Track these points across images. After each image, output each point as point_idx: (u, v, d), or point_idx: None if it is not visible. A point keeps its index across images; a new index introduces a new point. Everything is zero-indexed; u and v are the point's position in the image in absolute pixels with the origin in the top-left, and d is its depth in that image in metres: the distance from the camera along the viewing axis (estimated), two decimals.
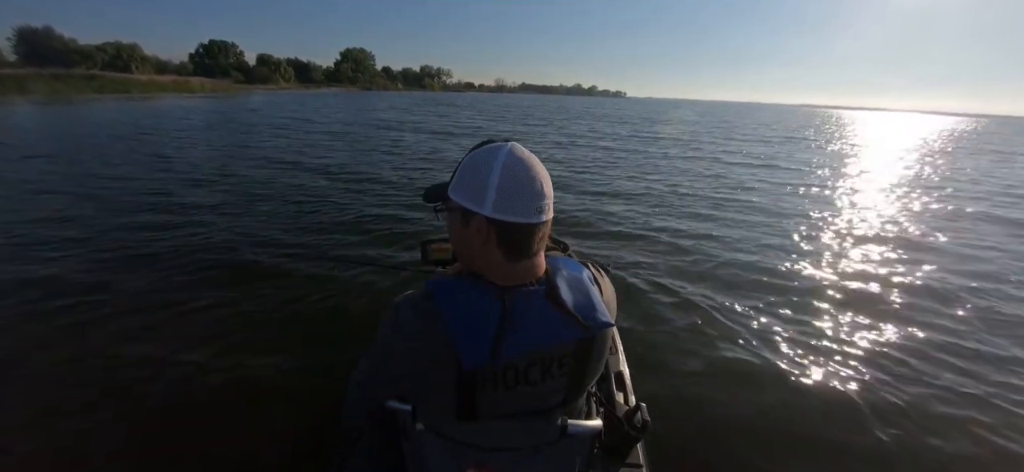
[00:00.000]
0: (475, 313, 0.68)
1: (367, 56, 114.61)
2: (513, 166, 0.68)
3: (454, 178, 0.73)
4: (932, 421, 2.18)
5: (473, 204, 0.68)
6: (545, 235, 0.73)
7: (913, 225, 5.76)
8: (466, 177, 0.70)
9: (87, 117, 16.67)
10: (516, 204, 0.67)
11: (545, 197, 0.70)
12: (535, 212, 0.68)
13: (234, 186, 6.39)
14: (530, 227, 0.69)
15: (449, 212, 0.75)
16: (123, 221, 4.62)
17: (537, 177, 0.69)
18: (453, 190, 0.72)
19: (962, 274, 4.05)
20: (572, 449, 0.80)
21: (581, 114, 33.98)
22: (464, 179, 0.71)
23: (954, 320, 3.20)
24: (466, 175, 0.70)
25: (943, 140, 23.84)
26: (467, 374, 0.67)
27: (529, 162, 0.70)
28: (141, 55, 64.54)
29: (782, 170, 10.27)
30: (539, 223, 0.69)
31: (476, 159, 0.70)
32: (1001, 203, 7.44)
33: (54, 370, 2.28)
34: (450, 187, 0.73)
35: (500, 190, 0.67)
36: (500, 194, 0.67)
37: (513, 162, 0.68)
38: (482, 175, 0.68)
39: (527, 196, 0.68)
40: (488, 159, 0.69)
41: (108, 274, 3.35)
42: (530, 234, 0.69)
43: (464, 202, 0.70)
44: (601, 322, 0.72)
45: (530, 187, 0.68)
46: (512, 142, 0.71)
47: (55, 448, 1.85)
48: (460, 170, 0.72)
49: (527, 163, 0.69)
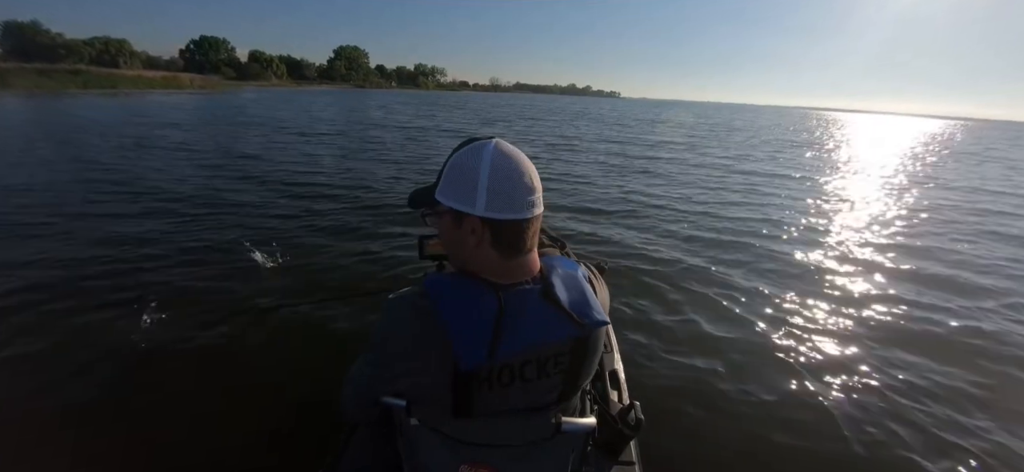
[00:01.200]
0: (472, 312, 0.67)
1: (361, 54, 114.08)
2: (501, 164, 0.67)
3: (441, 181, 0.72)
4: (933, 424, 2.19)
5: (464, 205, 0.68)
6: (537, 229, 0.72)
7: (921, 230, 5.82)
8: (454, 179, 0.69)
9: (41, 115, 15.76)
10: (508, 201, 0.67)
11: (535, 191, 0.70)
12: (527, 207, 0.68)
13: (206, 186, 6.31)
14: (523, 222, 0.69)
15: (438, 216, 0.74)
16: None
17: (526, 172, 0.69)
18: (441, 193, 0.71)
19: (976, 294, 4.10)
20: (566, 446, 0.80)
21: (580, 114, 34.06)
22: (452, 181, 0.70)
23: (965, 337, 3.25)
24: (454, 177, 0.69)
25: (952, 144, 23.82)
26: (464, 373, 0.67)
27: (516, 158, 0.69)
28: (130, 50, 63.74)
29: (785, 171, 10.38)
30: (531, 218, 0.69)
31: (462, 160, 0.69)
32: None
33: (38, 369, 2.25)
34: (437, 190, 0.72)
35: (491, 189, 0.66)
36: (491, 193, 0.66)
37: (500, 159, 0.68)
38: (470, 176, 0.67)
39: (518, 192, 0.67)
40: (475, 159, 0.68)
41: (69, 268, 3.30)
42: (524, 230, 0.69)
43: (454, 204, 0.69)
44: (596, 320, 0.72)
45: (520, 183, 0.68)
46: (496, 139, 0.71)
47: (53, 450, 1.82)
48: (446, 171, 0.71)
49: (515, 159, 0.69)
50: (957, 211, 6.94)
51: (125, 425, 1.94)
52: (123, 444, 1.86)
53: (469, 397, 0.69)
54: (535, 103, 57.05)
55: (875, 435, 2.09)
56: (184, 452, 1.83)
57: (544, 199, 0.74)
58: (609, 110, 47.45)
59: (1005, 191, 9.13)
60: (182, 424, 1.95)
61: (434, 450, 0.76)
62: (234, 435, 1.91)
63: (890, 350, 2.78)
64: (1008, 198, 8.33)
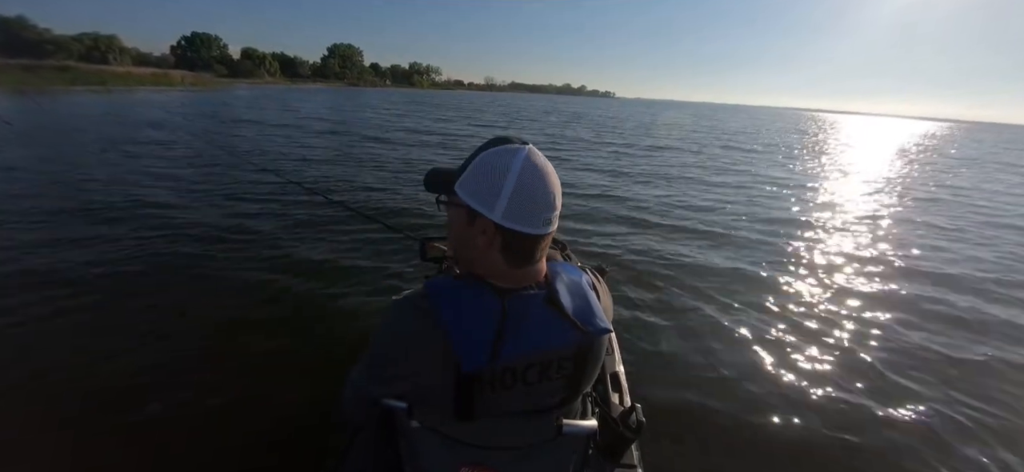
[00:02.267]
0: (475, 315, 0.67)
1: (355, 52, 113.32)
2: (530, 175, 0.66)
3: (464, 173, 0.70)
4: (935, 427, 2.20)
5: (482, 206, 0.67)
6: (548, 243, 0.73)
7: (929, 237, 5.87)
8: (479, 176, 0.68)
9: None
10: (528, 215, 0.66)
11: (555, 208, 0.69)
12: (544, 223, 0.68)
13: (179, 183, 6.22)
14: (537, 237, 0.68)
15: (452, 206, 0.73)
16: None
17: (551, 190, 0.68)
18: (461, 186, 0.70)
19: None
20: (567, 449, 0.80)
21: (578, 116, 34.07)
22: (476, 178, 0.68)
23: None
24: (479, 174, 0.68)
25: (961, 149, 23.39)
26: (466, 375, 0.66)
27: (545, 172, 0.68)
28: (120, 46, 62.86)
29: (786, 172, 10.45)
30: (546, 234, 0.69)
31: (492, 160, 0.68)
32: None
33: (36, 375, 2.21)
34: (458, 181, 0.71)
35: (514, 199, 0.65)
36: (513, 203, 0.65)
37: (531, 171, 0.66)
38: (497, 179, 0.66)
39: (540, 208, 0.67)
40: (505, 163, 0.66)
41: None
42: (536, 243, 0.69)
43: (472, 201, 0.68)
44: (600, 327, 0.72)
45: (544, 199, 0.67)
46: (530, 146, 0.69)
47: (53, 450, 1.80)
48: (472, 167, 0.69)
49: (543, 173, 0.68)
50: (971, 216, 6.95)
51: (124, 428, 1.92)
52: (123, 446, 1.84)
53: (471, 399, 0.69)
54: (532, 103, 57.08)
55: (882, 442, 2.09)
56: (184, 455, 1.81)
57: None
58: (605, 109, 47.59)
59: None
60: (182, 428, 1.93)
61: (435, 452, 0.76)
62: (235, 438, 1.89)
63: (901, 356, 2.77)
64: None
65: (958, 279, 4.08)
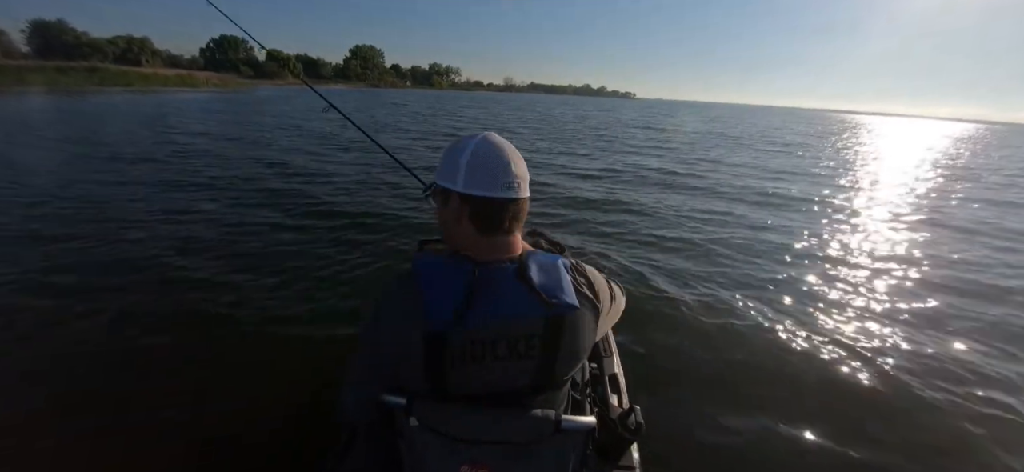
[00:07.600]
0: (446, 279, 0.73)
1: (376, 53, 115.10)
2: (483, 148, 0.76)
3: (438, 165, 0.81)
4: (939, 431, 2.15)
5: (449, 183, 0.77)
6: (518, 214, 0.79)
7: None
8: (444, 161, 0.79)
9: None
10: (484, 179, 0.74)
11: (514, 175, 0.76)
12: (503, 187, 0.75)
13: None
14: (500, 202, 0.75)
15: (435, 195, 0.84)
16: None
17: (505, 155, 0.76)
18: (437, 175, 0.81)
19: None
20: (565, 446, 0.80)
21: (583, 116, 33.85)
22: (443, 163, 0.79)
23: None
24: (445, 159, 0.79)
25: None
26: (434, 336, 0.71)
27: (500, 145, 0.77)
28: (152, 49, 65.42)
29: (790, 172, 10.19)
30: (508, 199, 0.76)
31: (453, 145, 0.80)
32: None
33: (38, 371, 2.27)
34: (436, 173, 0.82)
35: (469, 167, 0.75)
36: (469, 171, 0.75)
37: (484, 145, 0.76)
38: (455, 157, 0.77)
39: (495, 172, 0.75)
40: (462, 143, 0.78)
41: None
42: (501, 208, 0.75)
43: (442, 182, 0.79)
44: (565, 303, 0.75)
45: (499, 164, 0.75)
46: (487, 132, 0.80)
47: (53, 452, 1.84)
48: (441, 157, 0.81)
49: (498, 146, 0.77)
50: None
51: (124, 429, 1.95)
52: (123, 447, 1.87)
53: (441, 367, 0.72)
54: (535, 103, 56.80)
55: (891, 442, 2.05)
56: (184, 456, 1.83)
57: (551, 203, 0.76)
58: (609, 109, 47.11)
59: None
60: (181, 428, 1.95)
61: (434, 451, 0.76)
62: (235, 439, 1.91)
63: (904, 361, 2.68)
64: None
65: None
